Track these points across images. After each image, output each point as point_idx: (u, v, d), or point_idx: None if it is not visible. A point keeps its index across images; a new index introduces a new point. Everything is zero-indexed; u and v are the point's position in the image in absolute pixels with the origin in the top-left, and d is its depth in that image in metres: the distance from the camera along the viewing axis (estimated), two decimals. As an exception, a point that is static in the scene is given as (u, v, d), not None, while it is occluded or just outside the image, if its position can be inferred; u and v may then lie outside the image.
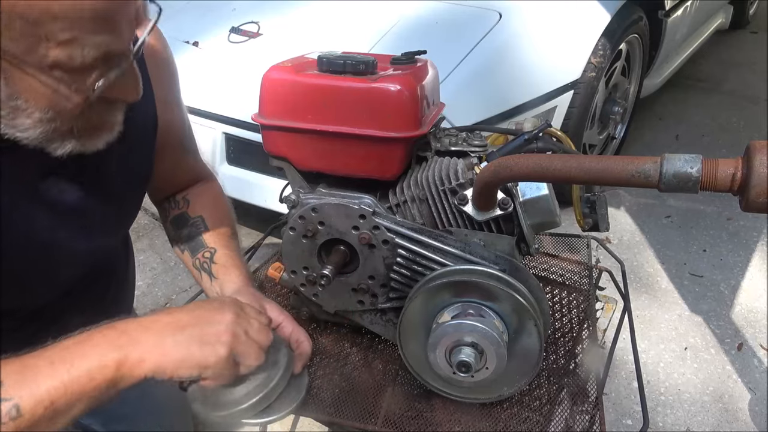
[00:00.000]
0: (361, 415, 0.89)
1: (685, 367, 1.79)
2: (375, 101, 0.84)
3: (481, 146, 0.93)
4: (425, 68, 0.95)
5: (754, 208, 0.61)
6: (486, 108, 1.90)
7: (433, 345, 0.82)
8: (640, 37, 2.57)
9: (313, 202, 0.89)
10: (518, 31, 2.01)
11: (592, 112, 2.37)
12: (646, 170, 0.64)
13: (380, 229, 0.87)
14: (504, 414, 0.89)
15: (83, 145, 0.71)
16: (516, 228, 0.87)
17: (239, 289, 0.92)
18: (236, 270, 0.96)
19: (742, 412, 1.65)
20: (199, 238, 1.01)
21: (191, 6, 2.42)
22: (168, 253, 2.32)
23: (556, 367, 0.98)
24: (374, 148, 0.88)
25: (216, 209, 1.06)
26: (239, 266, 0.98)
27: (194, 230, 1.02)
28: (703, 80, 3.99)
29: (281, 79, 0.88)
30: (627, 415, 1.63)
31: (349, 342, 1.04)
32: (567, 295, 1.16)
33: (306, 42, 1.99)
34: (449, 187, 0.86)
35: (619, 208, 2.58)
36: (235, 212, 1.11)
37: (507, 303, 0.81)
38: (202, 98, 1.99)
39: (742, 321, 1.96)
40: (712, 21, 3.83)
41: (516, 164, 0.72)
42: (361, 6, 2.15)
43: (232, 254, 0.99)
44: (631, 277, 2.09)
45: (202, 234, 1.01)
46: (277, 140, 0.92)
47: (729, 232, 2.41)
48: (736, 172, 0.61)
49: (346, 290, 0.95)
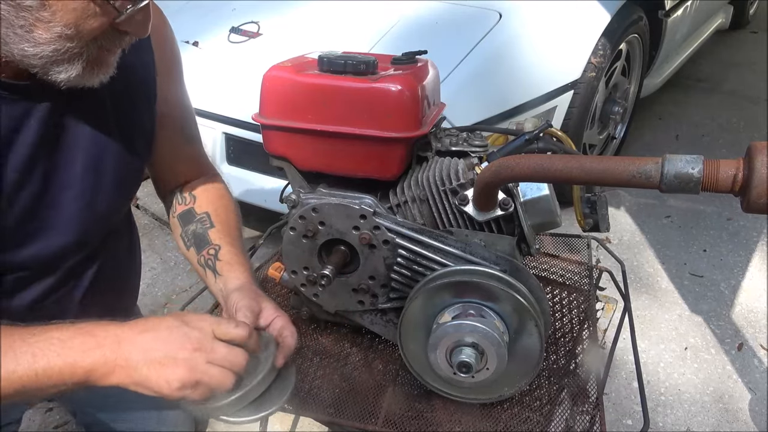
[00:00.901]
0: (362, 416, 0.89)
1: (685, 367, 1.79)
2: (376, 101, 0.84)
3: (481, 146, 0.93)
4: (426, 68, 0.95)
5: (756, 209, 0.61)
6: (486, 108, 1.90)
7: (434, 345, 0.82)
8: (640, 37, 2.57)
9: (313, 202, 0.89)
10: (518, 31, 2.01)
11: (592, 112, 2.37)
12: (647, 171, 0.64)
13: (381, 229, 0.87)
14: (504, 414, 0.89)
15: (83, 76, 0.74)
16: (517, 228, 0.87)
17: (241, 287, 0.92)
18: (240, 267, 0.97)
19: (742, 412, 1.65)
20: (204, 234, 1.01)
21: (191, 6, 2.42)
22: (168, 253, 2.32)
23: (557, 367, 0.98)
24: (375, 148, 0.88)
25: (222, 205, 1.06)
26: (243, 263, 0.98)
27: (200, 227, 1.02)
28: (703, 80, 3.99)
29: (282, 78, 0.88)
30: (627, 415, 1.63)
31: (349, 342, 1.04)
32: (567, 296, 1.15)
33: (306, 42, 1.99)
34: (450, 187, 0.86)
35: (619, 208, 2.58)
36: (239, 209, 1.11)
37: (507, 303, 0.81)
38: (202, 98, 1.99)
39: (742, 321, 1.96)
40: (712, 21, 3.83)
41: (517, 164, 0.72)
42: (361, 6, 2.15)
43: (236, 251, 1.00)
44: (631, 277, 2.09)
45: (207, 231, 1.01)
46: (278, 140, 0.92)
47: (729, 232, 2.41)
48: (738, 173, 0.61)
49: (346, 290, 0.95)
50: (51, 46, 0.68)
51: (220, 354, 0.75)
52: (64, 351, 0.71)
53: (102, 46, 0.73)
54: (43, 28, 0.66)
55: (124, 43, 0.76)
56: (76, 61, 0.72)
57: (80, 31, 0.68)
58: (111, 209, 0.95)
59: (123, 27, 0.72)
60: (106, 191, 0.91)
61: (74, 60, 0.71)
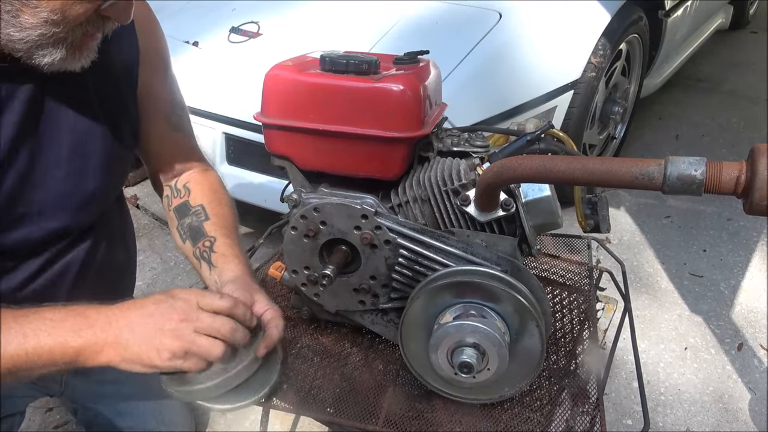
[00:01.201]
0: (362, 416, 0.89)
1: (685, 367, 1.79)
2: (378, 101, 0.84)
3: (483, 147, 0.93)
4: (428, 68, 0.95)
5: (758, 211, 0.61)
6: (486, 108, 1.90)
7: (435, 345, 0.82)
8: (640, 37, 2.57)
9: (315, 201, 0.89)
10: (518, 31, 2.01)
11: (592, 112, 2.37)
12: (650, 172, 0.64)
13: (382, 229, 0.87)
14: (505, 415, 0.89)
15: (66, 60, 0.76)
16: (518, 229, 0.87)
17: (236, 279, 0.93)
18: (235, 259, 0.98)
19: (742, 412, 1.65)
20: (200, 227, 1.02)
21: (191, 6, 2.41)
22: (168, 253, 2.32)
23: (557, 367, 0.98)
24: (377, 148, 0.88)
25: (216, 198, 1.07)
26: (238, 255, 0.99)
27: (196, 219, 1.03)
28: (703, 80, 3.99)
29: (284, 78, 0.88)
30: (627, 416, 1.63)
31: (349, 342, 1.04)
32: (568, 296, 1.16)
33: (306, 42, 1.99)
34: (451, 187, 0.86)
35: (619, 209, 2.58)
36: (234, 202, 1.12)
37: (509, 304, 0.81)
38: (202, 98, 1.99)
39: (742, 321, 1.96)
40: (712, 21, 3.83)
41: (519, 165, 0.72)
42: (361, 6, 2.15)
43: (231, 243, 1.01)
44: (631, 277, 2.09)
45: (203, 223, 1.03)
46: (279, 139, 0.92)
47: (729, 232, 2.41)
48: (740, 175, 0.61)
49: (347, 290, 0.95)
50: (37, 30, 0.70)
51: (206, 323, 0.76)
52: (56, 331, 0.73)
53: (86, 31, 0.75)
54: (30, 13, 0.68)
55: (107, 28, 0.78)
56: (60, 46, 0.74)
57: (66, 17, 0.70)
58: (99, 193, 0.96)
59: (106, 13, 0.74)
60: (94, 174, 0.93)
61: (58, 44, 0.73)
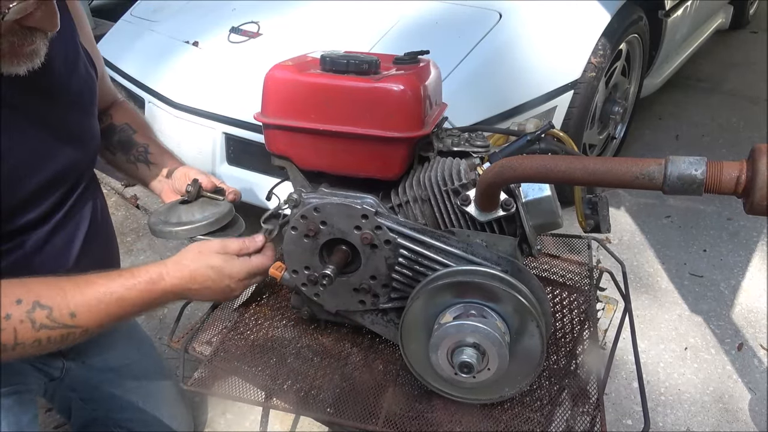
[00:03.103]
0: (362, 416, 0.89)
1: (685, 367, 1.79)
2: (378, 101, 0.84)
3: (483, 147, 0.93)
4: (428, 68, 0.95)
5: (759, 212, 0.61)
6: (486, 108, 1.90)
7: (435, 345, 0.82)
8: (640, 37, 2.56)
9: (315, 201, 0.89)
10: (518, 31, 2.01)
11: (592, 112, 2.37)
12: (650, 172, 0.64)
13: (382, 229, 0.87)
14: (505, 415, 0.89)
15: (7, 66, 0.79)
16: (518, 229, 0.87)
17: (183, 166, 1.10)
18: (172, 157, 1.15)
19: (742, 412, 1.65)
20: (129, 139, 1.16)
21: (191, 6, 2.41)
22: (168, 253, 2.32)
23: (557, 367, 0.98)
24: (377, 148, 0.88)
25: (137, 117, 1.22)
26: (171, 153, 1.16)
27: (123, 135, 1.17)
28: (703, 80, 3.99)
29: (284, 78, 0.88)
30: (627, 416, 1.63)
31: (349, 342, 1.04)
32: (568, 296, 1.16)
33: (306, 42, 1.99)
34: (452, 187, 0.86)
35: (619, 209, 2.57)
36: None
37: (509, 304, 0.81)
38: (202, 98, 1.99)
39: (742, 321, 1.96)
40: (712, 21, 3.83)
41: (520, 165, 0.72)
42: (361, 6, 2.15)
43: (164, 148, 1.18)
44: (631, 278, 2.09)
45: (132, 136, 1.17)
46: (280, 139, 0.92)
47: (729, 232, 2.41)
48: (741, 175, 0.61)
49: (347, 290, 0.95)
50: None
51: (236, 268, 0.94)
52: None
53: (12, 42, 0.76)
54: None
55: (38, 36, 0.80)
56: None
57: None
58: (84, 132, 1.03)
59: (27, 23, 0.75)
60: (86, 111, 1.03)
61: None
